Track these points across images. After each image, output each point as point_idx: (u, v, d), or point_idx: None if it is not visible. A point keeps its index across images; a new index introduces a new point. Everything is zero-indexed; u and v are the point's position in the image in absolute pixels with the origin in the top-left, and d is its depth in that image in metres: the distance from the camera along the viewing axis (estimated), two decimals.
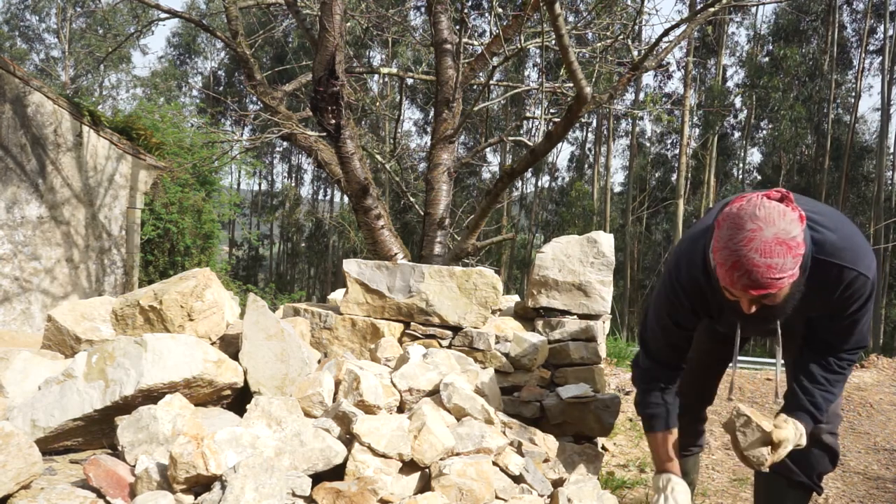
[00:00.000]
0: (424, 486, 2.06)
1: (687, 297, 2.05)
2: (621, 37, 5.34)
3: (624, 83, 4.63)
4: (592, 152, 32.19)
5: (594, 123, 30.73)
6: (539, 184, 33.01)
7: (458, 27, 5.57)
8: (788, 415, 2.07)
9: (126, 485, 1.81)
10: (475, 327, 2.94)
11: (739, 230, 1.74)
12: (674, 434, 2.19)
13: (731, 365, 2.23)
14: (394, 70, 7.46)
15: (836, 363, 2.07)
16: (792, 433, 2.02)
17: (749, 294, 1.77)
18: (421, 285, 2.97)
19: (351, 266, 3.07)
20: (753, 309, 1.82)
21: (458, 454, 2.13)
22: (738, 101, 29.30)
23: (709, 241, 1.94)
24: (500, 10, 5.92)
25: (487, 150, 24.33)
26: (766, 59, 27.91)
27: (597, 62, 5.61)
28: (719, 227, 1.80)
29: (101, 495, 1.78)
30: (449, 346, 2.94)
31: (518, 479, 2.18)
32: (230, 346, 2.58)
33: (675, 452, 2.18)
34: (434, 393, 2.38)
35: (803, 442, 2.05)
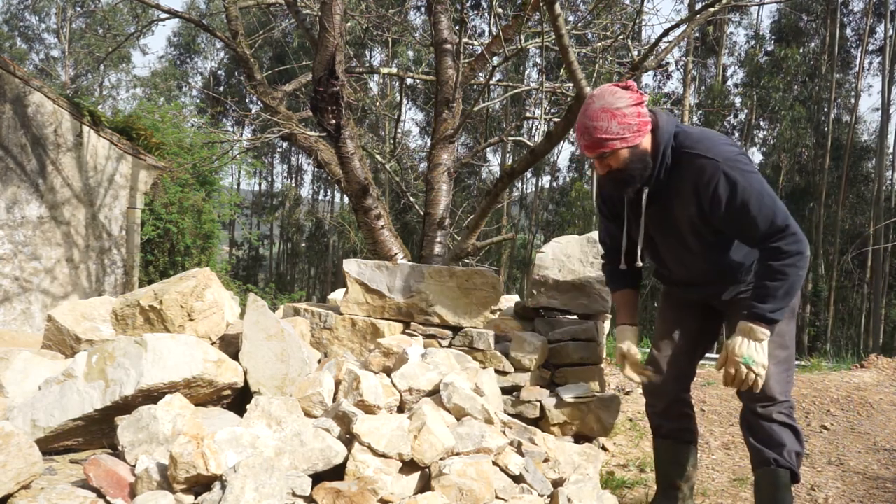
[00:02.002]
0: (424, 486, 2.06)
1: (600, 183, 2.50)
2: (621, 37, 5.34)
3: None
4: None
5: None
6: (539, 184, 33.01)
7: (458, 27, 5.57)
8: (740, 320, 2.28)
9: (126, 485, 1.81)
10: (475, 327, 2.94)
11: (584, 105, 2.25)
12: (627, 294, 2.58)
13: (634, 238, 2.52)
14: (394, 70, 7.47)
15: (764, 257, 2.22)
16: (732, 339, 2.26)
17: (587, 154, 2.26)
18: (421, 285, 2.97)
19: (351, 266, 3.07)
20: (602, 170, 2.26)
21: (458, 454, 2.13)
22: (737, 101, 29.29)
23: None
24: (500, 10, 5.92)
25: (487, 150, 24.35)
26: (766, 58, 27.89)
27: (597, 62, 5.61)
28: None
29: (101, 495, 1.78)
30: (449, 346, 2.94)
31: (518, 479, 2.18)
32: (230, 346, 2.58)
33: (626, 308, 2.58)
34: (434, 393, 2.38)
35: (758, 336, 2.23)
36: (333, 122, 4.48)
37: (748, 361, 2.25)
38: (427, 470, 2.07)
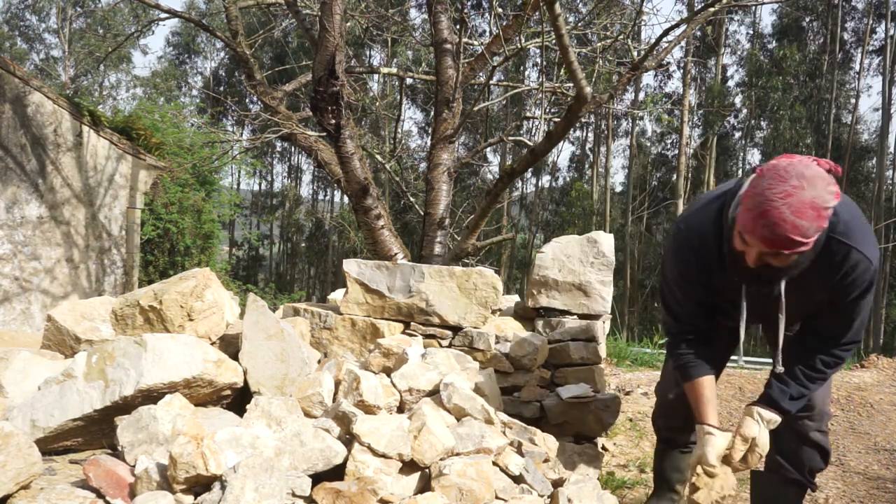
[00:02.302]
0: (424, 486, 2.06)
1: (693, 251, 2.07)
2: (621, 37, 5.33)
3: (624, 83, 4.63)
4: (592, 152, 32.19)
5: (594, 123, 30.72)
6: (539, 184, 33.00)
7: (458, 27, 5.57)
8: (757, 405, 2.11)
9: (126, 485, 1.81)
10: (475, 327, 2.94)
11: (782, 182, 1.74)
12: (708, 382, 2.16)
13: (734, 358, 2.26)
14: (394, 70, 7.46)
15: (822, 361, 2.08)
16: (755, 429, 2.06)
17: (763, 247, 1.78)
18: (421, 285, 2.97)
19: (351, 266, 3.07)
20: (754, 263, 1.85)
21: (458, 454, 2.12)
22: (737, 101, 29.29)
23: (727, 203, 1.98)
24: (500, 10, 5.92)
25: (487, 150, 24.34)
26: (766, 58, 27.89)
27: (597, 62, 5.61)
28: (761, 175, 1.79)
29: (100, 495, 1.78)
30: (449, 346, 2.94)
31: (518, 479, 2.18)
32: (230, 346, 2.58)
33: (711, 404, 2.15)
34: (434, 393, 2.37)
35: (772, 427, 2.08)
36: (333, 122, 4.48)
37: (765, 452, 2.11)
38: (427, 470, 2.07)
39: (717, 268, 2.05)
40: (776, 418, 2.08)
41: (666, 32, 4.40)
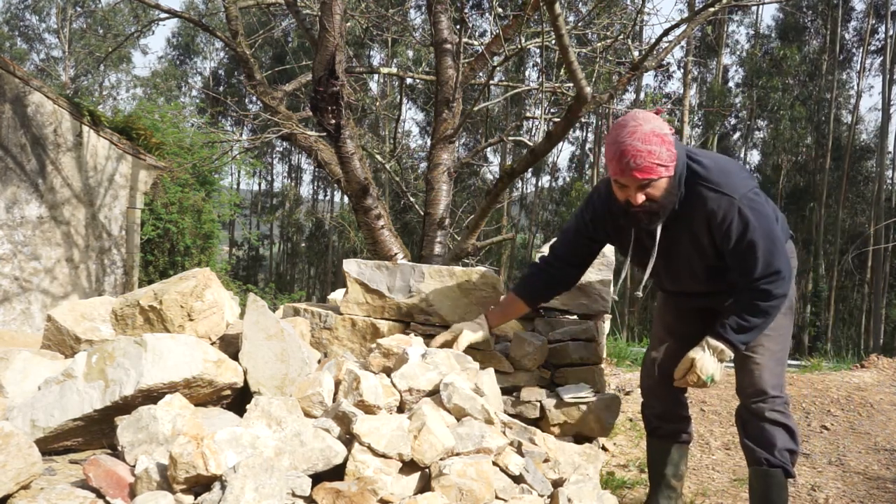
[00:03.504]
0: (424, 486, 2.06)
1: (598, 197, 2.45)
2: (621, 37, 5.33)
3: (624, 83, 4.63)
4: (592, 152, 32.19)
5: (594, 123, 30.72)
6: (539, 184, 33.01)
7: (458, 27, 5.57)
8: (708, 336, 2.33)
9: (126, 485, 1.81)
10: None
11: (623, 127, 2.14)
12: (514, 300, 2.62)
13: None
14: (394, 70, 7.47)
15: (751, 295, 2.25)
16: (699, 353, 2.31)
17: (634, 177, 2.12)
18: (421, 285, 2.97)
19: (351, 266, 3.07)
20: (641, 199, 2.16)
21: (458, 454, 2.12)
22: (737, 101, 29.29)
23: None
24: (500, 10, 5.92)
25: (487, 150, 24.34)
26: (767, 58, 27.89)
27: (597, 62, 5.61)
28: (611, 127, 2.19)
29: (100, 495, 1.78)
30: None
31: (518, 479, 2.18)
32: (230, 346, 2.58)
33: (503, 313, 2.65)
34: (434, 393, 2.37)
35: (725, 357, 2.31)
36: (333, 122, 4.48)
37: (709, 380, 2.31)
38: (427, 470, 2.07)
39: (610, 217, 2.41)
40: (721, 346, 2.29)
41: (666, 32, 4.40)
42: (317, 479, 1.93)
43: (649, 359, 2.72)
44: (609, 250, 3.03)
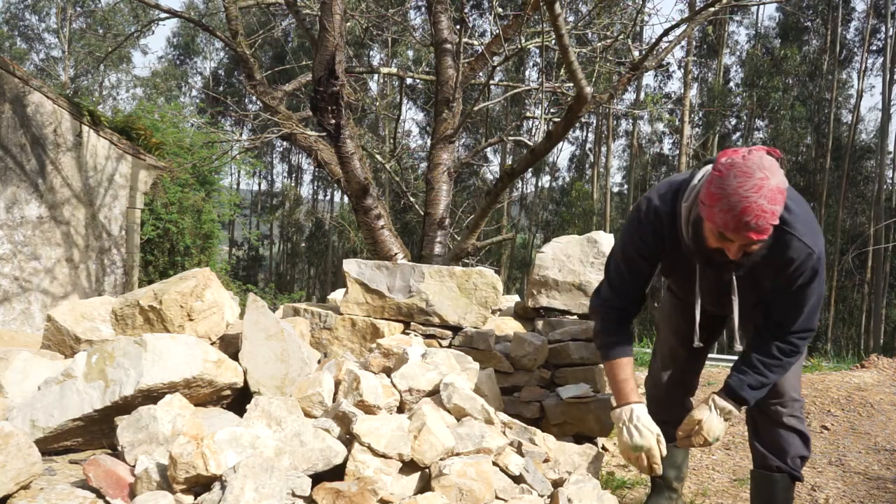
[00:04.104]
0: (424, 487, 2.06)
1: (651, 232, 2.20)
2: (621, 37, 5.34)
3: (624, 83, 4.63)
4: (592, 152, 32.19)
5: (594, 123, 30.73)
6: (539, 184, 33.03)
7: (458, 27, 5.57)
8: (717, 393, 2.23)
9: (126, 485, 1.81)
10: (475, 327, 2.94)
11: (749, 178, 1.85)
12: (631, 363, 2.29)
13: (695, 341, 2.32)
14: (394, 70, 7.46)
15: (778, 348, 2.17)
16: (705, 414, 2.19)
17: (749, 238, 1.89)
18: (421, 285, 2.97)
19: (351, 266, 3.07)
20: (740, 255, 1.97)
21: (458, 454, 2.12)
22: (738, 101, 29.29)
23: (682, 191, 2.12)
24: (500, 10, 5.92)
25: (487, 150, 24.34)
26: (767, 58, 27.89)
27: (597, 62, 5.61)
28: (722, 174, 1.88)
29: (100, 495, 1.78)
30: (449, 346, 2.94)
31: (518, 479, 2.18)
32: (230, 346, 2.58)
33: (633, 382, 2.27)
34: (434, 393, 2.37)
35: (731, 418, 2.20)
36: (333, 122, 4.48)
37: (714, 441, 2.22)
38: (427, 470, 2.07)
39: (670, 250, 2.19)
40: (729, 407, 2.18)
41: (666, 32, 4.41)
42: (317, 479, 1.93)
43: (656, 367, 2.65)
44: (608, 249, 3.03)
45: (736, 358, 2.31)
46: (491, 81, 6.25)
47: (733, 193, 1.85)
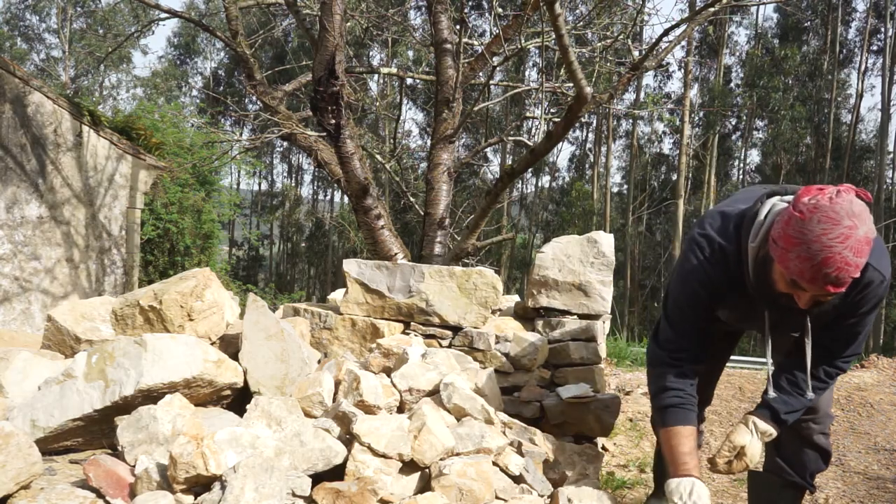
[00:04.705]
0: (424, 487, 2.06)
1: (722, 271, 1.96)
2: (621, 37, 5.34)
3: (624, 83, 4.63)
4: (592, 152, 32.18)
5: (594, 123, 30.72)
6: (539, 184, 33.02)
7: (458, 27, 5.57)
8: (755, 414, 2.07)
9: (126, 485, 1.81)
10: (475, 327, 2.94)
11: (836, 225, 1.63)
12: (695, 433, 2.03)
13: (766, 361, 2.19)
14: (394, 70, 7.46)
15: (825, 372, 2.06)
16: (747, 439, 2.02)
17: (827, 290, 1.70)
18: (421, 285, 2.97)
19: (351, 266, 3.07)
20: (807, 305, 1.78)
21: (458, 454, 2.12)
22: (738, 101, 29.29)
23: (745, 227, 1.90)
24: (500, 10, 5.92)
25: (487, 150, 24.33)
26: (767, 58, 27.89)
27: (597, 62, 5.61)
28: (804, 217, 1.67)
29: (100, 495, 1.78)
30: (449, 346, 2.94)
31: (518, 480, 2.18)
32: (230, 346, 2.58)
33: (694, 454, 1.99)
34: (434, 393, 2.37)
35: (767, 439, 2.05)
36: (333, 122, 4.48)
37: (754, 462, 2.07)
38: (427, 470, 2.07)
39: (733, 289, 1.98)
40: (772, 431, 2.03)
41: (666, 32, 4.41)
42: (317, 479, 1.93)
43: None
44: (609, 250, 3.03)
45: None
46: (491, 81, 6.25)
47: (815, 241, 1.64)
